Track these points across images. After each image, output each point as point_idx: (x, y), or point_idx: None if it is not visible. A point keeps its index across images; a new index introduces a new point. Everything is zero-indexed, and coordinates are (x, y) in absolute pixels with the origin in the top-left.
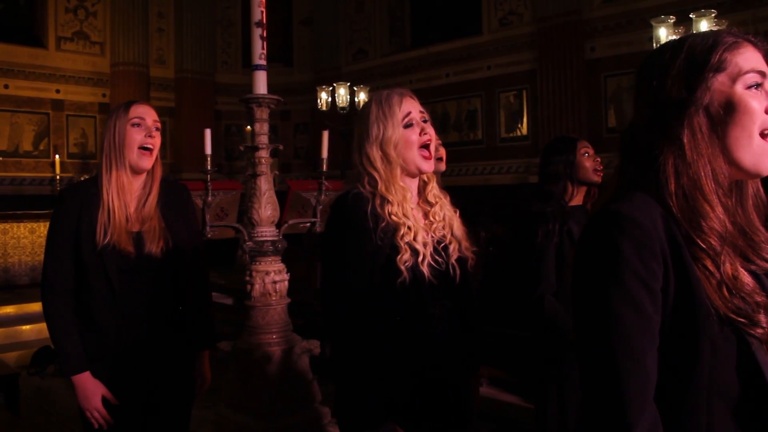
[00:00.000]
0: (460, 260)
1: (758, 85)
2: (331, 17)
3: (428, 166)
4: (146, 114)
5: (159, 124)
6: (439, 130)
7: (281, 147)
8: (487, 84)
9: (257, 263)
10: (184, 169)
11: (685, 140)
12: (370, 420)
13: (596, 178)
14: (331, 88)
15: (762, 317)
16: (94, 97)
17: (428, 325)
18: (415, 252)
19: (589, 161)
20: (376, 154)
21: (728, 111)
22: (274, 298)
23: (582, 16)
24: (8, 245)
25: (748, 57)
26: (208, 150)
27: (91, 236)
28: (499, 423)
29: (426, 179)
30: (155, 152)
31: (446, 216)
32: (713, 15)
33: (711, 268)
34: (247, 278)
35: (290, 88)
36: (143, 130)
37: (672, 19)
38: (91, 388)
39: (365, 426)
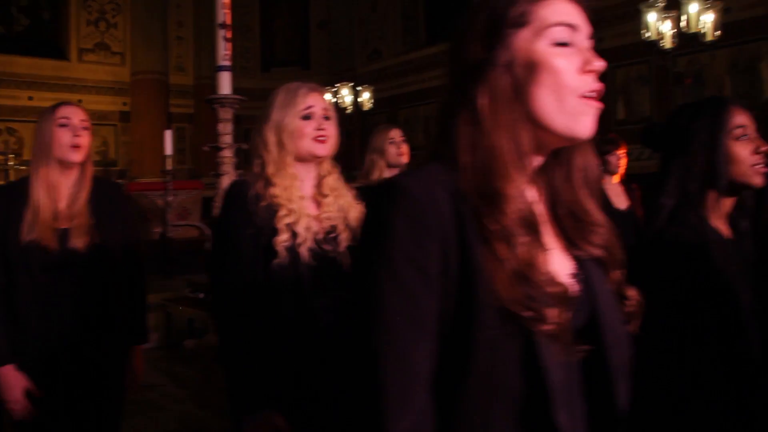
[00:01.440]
0: (352, 249)
1: (565, 40)
2: (346, 19)
3: (322, 150)
4: (73, 114)
5: (87, 124)
6: None
7: (245, 146)
8: None
9: None
10: (204, 174)
11: (481, 106)
12: (248, 407)
13: None
14: (335, 89)
15: (552, 312)
16: (114, 106)
17: (310, 316)
18: (294, 235)
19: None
20: (271, 138)
21: (531, 71)
22: None
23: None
24: None
25: (557, 8)
26: (168, 151)
27: (16, 233)
28: None
29: (325, 172)
30: (83, 150)
31: (342, 207)
32: None
33: (502, 252)
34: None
35: None
36: (70, 130)
37: (661, 3)
38: (12, 381)
39: (245, 412)
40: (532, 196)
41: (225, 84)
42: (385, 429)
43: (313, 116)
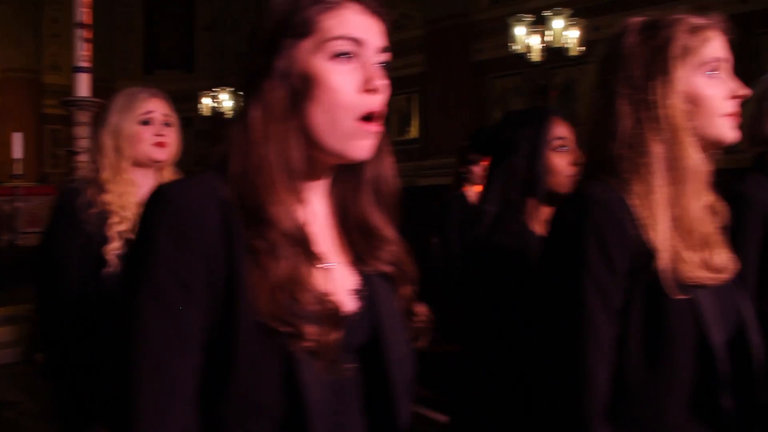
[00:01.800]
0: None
1: (347, 55)
2: (233, 22)
3: (160, 154)
4: None
5: None
6: None
7: None
8: None
9: None
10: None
11: (252, 116)
12: (75, 424)
13: None
14: (213, 94)
15: (312, 329)
16: None
17: None
18: (127, 242)
19: None
20: (108, 142)
21: (307, 86)
22: None
23: (469, 18)
24: None
25: (343, 20)
26: (17, 154)
27: None
28: None
29: (166, 179)
30: None
31: None
32: (570, 14)
33: (267, 266)
34: None
35: (191, 95)
36: None
37: (529, 18)
38: None
39: (73, 429)
40: (317, 208)
41: (82, 86)
42: None
43: (152, 121)
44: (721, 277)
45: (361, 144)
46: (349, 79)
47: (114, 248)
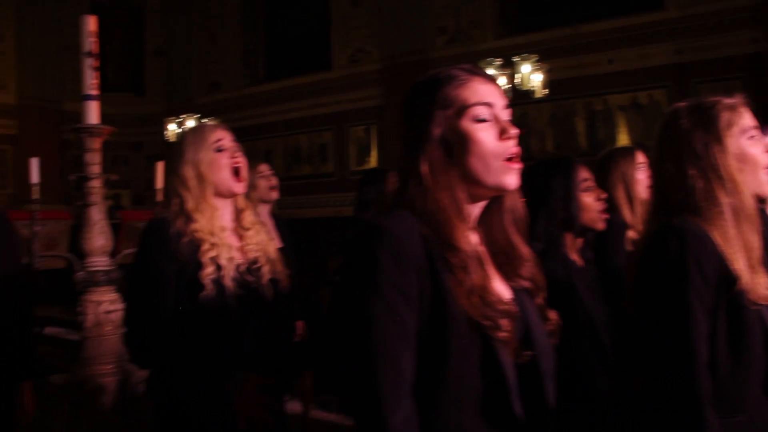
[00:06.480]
0: (274, 281)
1: (484, 115)
2: (184, 48)
3: (239, 188)
4: None
5: None
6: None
7: (114, 177)
8: (337, 118)
9: (89, 293)
10: (28, 200)
11: (423, 171)
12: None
13: None
14: (179, 120)
15: (505, 322)
16: None
17: (238, 342)
18: (219, 267)
19: None
20: (189, 173)
21: (461, 142)
22: (108, 329)
23: (426, 55)
24: None
25: (474, 89)
26: (35, 179)
27: None
28: None
29: (241, 207)
30: None
31: (261, 240)
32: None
33: (461, 277)
34: (79, 309)
35: (142, 118)
36: None
37: (498, 61)
38: None
39: None
40: (474, 240)
41: (93, 113)
42: (384, 419)
43: (224, 148)
44: None
45: (511, 177)
46: (489, 132)
47: (209, 273)
